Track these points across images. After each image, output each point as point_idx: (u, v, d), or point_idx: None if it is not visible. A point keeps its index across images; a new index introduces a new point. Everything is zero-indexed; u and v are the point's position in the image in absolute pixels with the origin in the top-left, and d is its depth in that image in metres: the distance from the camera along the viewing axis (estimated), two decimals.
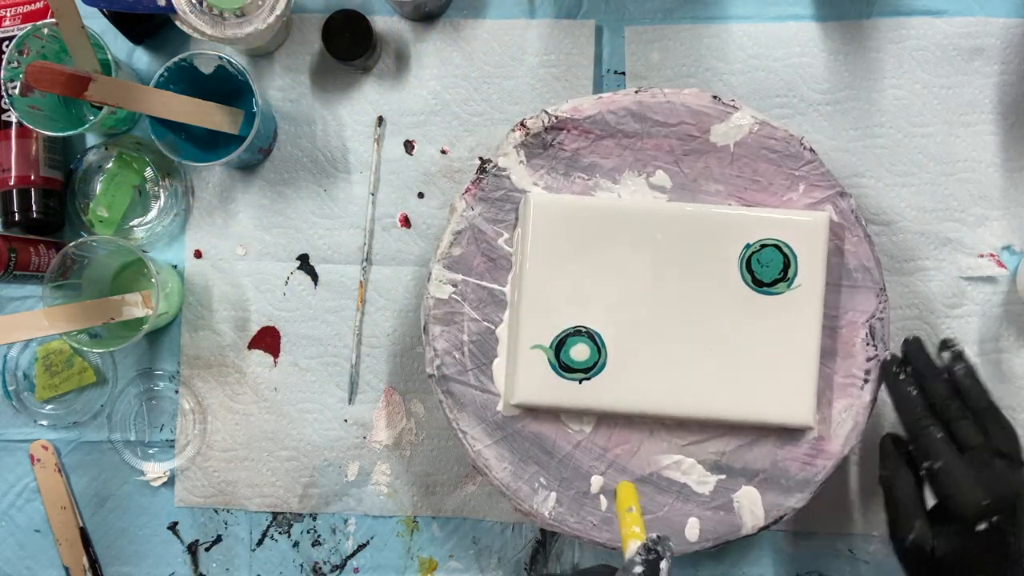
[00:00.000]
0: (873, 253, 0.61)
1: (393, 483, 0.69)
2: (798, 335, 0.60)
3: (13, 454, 0.71)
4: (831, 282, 0.61)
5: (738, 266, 0.60)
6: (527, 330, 0.60)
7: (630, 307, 0.60)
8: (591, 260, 0.60)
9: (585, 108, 0.62)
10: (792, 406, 0.59)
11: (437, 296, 0.62)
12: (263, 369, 0.70)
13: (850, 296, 0.61)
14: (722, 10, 0.70)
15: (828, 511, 0.67)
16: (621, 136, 0.62)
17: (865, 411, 0.61)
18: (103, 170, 0.70)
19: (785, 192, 0.61)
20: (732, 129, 0.61)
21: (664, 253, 0.60)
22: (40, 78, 0.56)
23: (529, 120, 0.62)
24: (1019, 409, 0.67)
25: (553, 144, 0.62)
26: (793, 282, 0.60)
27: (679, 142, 0.62)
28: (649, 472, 0.61)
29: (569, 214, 0.61)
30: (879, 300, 0.61)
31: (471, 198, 0.62)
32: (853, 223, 0.61)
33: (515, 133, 0.62)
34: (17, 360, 0.71)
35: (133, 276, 0.69)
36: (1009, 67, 0.68)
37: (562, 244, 0.60)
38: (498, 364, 0.62)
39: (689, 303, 0.60)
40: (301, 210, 0.71)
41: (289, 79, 0.71)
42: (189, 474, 0.70)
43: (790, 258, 0.60)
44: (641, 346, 0.60)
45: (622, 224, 0.60)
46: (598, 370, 0.60)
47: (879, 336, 0.61)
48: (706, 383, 0.60)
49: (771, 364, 0.60)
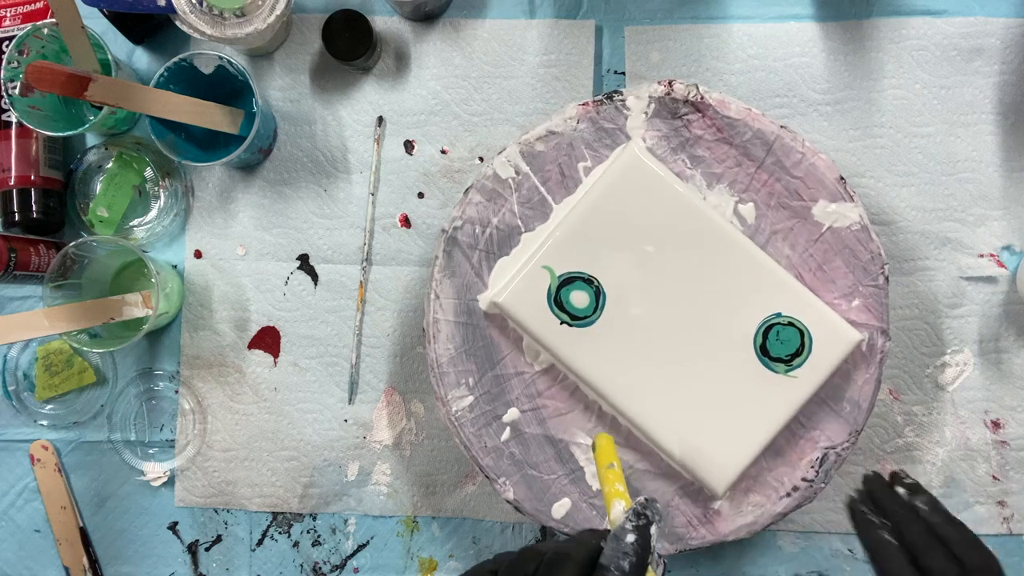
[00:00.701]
0: (872, 400, 0.61)
1: (393, 483, 0.69)
2: (765, 417, 0.60)
3: (13, 454, 0.71)
4: (821, 395, 0.61)
5: (757, 326, 0.60)
6: (550, 250, 0.61)
7: (645, 296, 0.60)
8: (641, 235, 0.60)
9: (731, 108, 0.61)
10: (716, 469, 0.59)
11: (498, 171, 0.62)
12: (263, 369, 0.70)
13: (828, 419, 0.61)
14: (722, 10, 0.70)
15: (828, 511, 0.67)
16: (743, 153, 0.61)
17: (769, 519, 0.61)
18: (103, 170, 0.70)
19: (840, 297, 0.61)
20: (836, 214, 0.61)
21: (704, 272, 0.60)
22: (40, 78, 0.56)
23: (677, 84, 0.61)
24: (1019, 409, 0.67)
25: (682, 118, 0.62)
26: (793, 371, 0.60)
27: (786, 193, 0.61)
28: (560, 438, 0.62)
29: (652, 184, 0.60)
30: (848, 439, 0.61)
31: (583, 112, 0.62)
32: (875, 364, 0.61)
33: (659, 86, 0.61)
34: (17, 360, 0.71)
35: (133, 276, 0.69)
36: (1009, 67, 0.68)
37: (628, 205, 0.60)
38: (505, 263, 0.62)
39: (695, 329, 0.60)
40: (301, 210, 0.71)
41: (289, 79, 0.71)
42: (189, 474, 0.70)
43: (805, 348, 0.60)
44: (631, 334, 0.60)
45: (687, 223, 0.60)
46: (583, 324, 0.60)
47: (827, 467, 0.61)
48: (662, 401, 0.60)
49: (727, 425, 0.60)
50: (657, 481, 0.61)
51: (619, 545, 0.39)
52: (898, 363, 0.68)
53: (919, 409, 0.68)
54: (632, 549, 0.39)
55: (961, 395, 0.68)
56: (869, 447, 0.67)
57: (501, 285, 0.61)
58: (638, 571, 0.39)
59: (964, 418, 0.67)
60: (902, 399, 0.68)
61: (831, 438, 0.61)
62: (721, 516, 0.61)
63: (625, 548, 0.39)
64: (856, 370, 0.61)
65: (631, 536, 0.39)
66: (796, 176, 0.61)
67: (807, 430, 0.61)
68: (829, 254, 0.61)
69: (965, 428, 0.67)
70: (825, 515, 0.68)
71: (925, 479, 0.67)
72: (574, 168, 0.62)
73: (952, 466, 0.67)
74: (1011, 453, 0.67)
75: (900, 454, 0.67)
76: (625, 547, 0.39)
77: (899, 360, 0.68)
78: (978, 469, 0.67)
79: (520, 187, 0.62)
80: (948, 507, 0.68)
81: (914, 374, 0.68)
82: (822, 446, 0.61)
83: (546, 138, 0.62)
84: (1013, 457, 0.67)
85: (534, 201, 0.62)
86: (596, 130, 0.62)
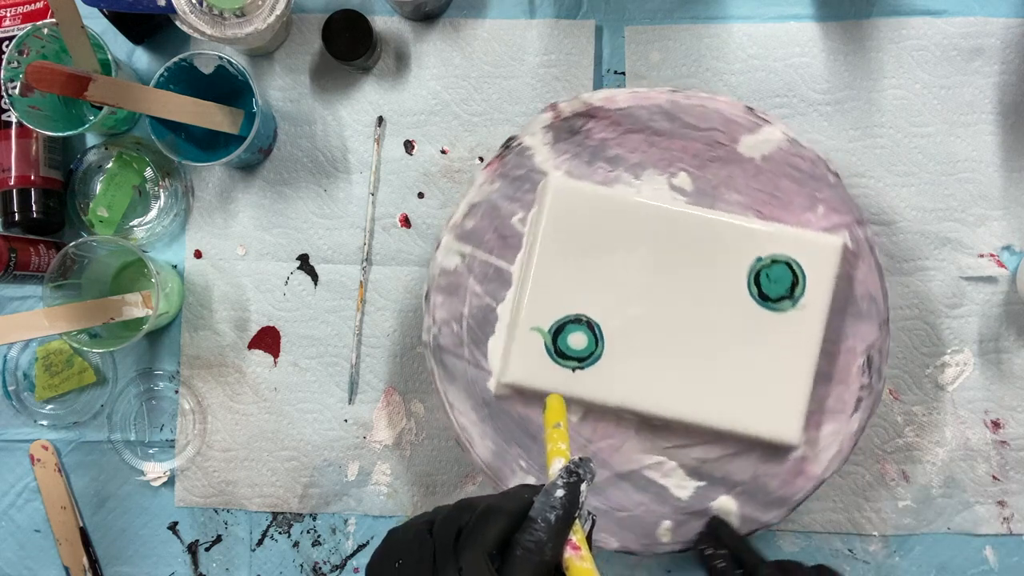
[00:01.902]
0: (882, 284, 0.61)
1: (393, 483, 0.69)
2: (796, 354, 0.59)
3: (13, 454, 0.71)
4: (836, 307, 0.60)
5: (747, 278, 0.60)
6: (528, 311, 0.60)
7: (633, 303, 0.60)
8: (601, 251, 0.60)
9: (619, 99, 0.61)
10: (780, 423, 0.59)
11: (444, 265, 0.62)
12: (263, 369, 0.70)
13: (853, 323, 0.61)
14: (722, 10, 0.70)
15: (828, 511, 0.67)
16: (650, 133, 0.61)
17: (852, 439, 0.61)
18: (103, 170, 0.70)
19: (803, 212, 0.61)
20: (761, 143, 0.61)
21: (675, 255, 0.60)
22: (40, 78, 0.56)
23: (562, 103, 0.61)
24: (1019, 409, 0.67)
25: (581, 131, 0.62)
26: (799, 302, 0.59)
27: (706, 147, 0.61)
28: (629, 470, 0.61)
29: (586, 202, 0.60)
30: (881, 332, 0.61)
31: (492, 172, 0.62)
32: (867, 252, 0.61)
33: (545, 114, 0.62)
34: (17, 360, 0.71)
35: (133, 276, 0.69)
36: (1009, 67, 0.68)
37: (575, 231, 0.60)
38: (494, 342, 0.62)
39: (693, 308, 0.60)
40: (301, 210, 0.71)
41: (289, 79, 0.71)
42: (189, 474, 0.70)
43: (799, 277, 0.59)
44: (639, 343, 0.60)
45: (636, 220, 0.60)
46: (593, 361, 0.60)
47: (875, 367, 0.61)
48: (699, 388, 0.60)
49: (766, 379, 0.59)
50: (735, 461, 0.61)
51: (548, 499, 0.41)
52: (898, 363, 0.68)
53: (919, 409, 0.68)
54: (560, 503, 0.40)
55: (961, 395, 0.68)
56: (869, 447, 0.67)
57: (501, 365, 0.61)
58: (564, 524, 0.40)
59: (964, 418, 0.67)
60: (902, 399, 0.68)
61: (865, 339, 0.61)
62: (808, 460, 0.61)
63: (553, 502, 0.40)
64: (855, 268, 0.61)
65: (560, 491, 0.41)
66: (707, 128, 0.61)
67: (840, 344, 0.61)
68: (774, 180, 0.61)
69: (965, 428, 0.67)
70: (825, 515, 0.68)
71: (925, 479, 0.67)
72: (509, 226, 0.62)
73: (952, 466, 0.67)
74: (1011, 453, 0.67)
75: (900, 454, 0.67)
76: (554, 501, 0.40)
77: (899, 360, 0.68)
78: (978, 469, 0.67)
79: (471, 268, 0.62)
80: (948, 507, 0.69)
81: (914, 374, 0.68)
82: (861, 350, 0.61)
83: (471, 213, 0.62)
84: (1013, 457, 0.67)
85: (490, 274, 0.62)
86: (511, 182, 0.62)
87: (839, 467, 0.61)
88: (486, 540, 0.39)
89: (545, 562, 0.39)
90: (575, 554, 0.40)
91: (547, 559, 0.39)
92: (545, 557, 0.39)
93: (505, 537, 0.40)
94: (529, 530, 0.40)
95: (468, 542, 0.39)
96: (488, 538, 0.39)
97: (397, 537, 0.43)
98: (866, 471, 0.67)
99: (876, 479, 0.67)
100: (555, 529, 0.40)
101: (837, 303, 0.60)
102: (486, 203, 0.62)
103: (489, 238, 0.62)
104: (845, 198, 0.61)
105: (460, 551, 0.39)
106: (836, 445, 0.60)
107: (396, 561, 0.41)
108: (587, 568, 0.39)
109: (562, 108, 0.61)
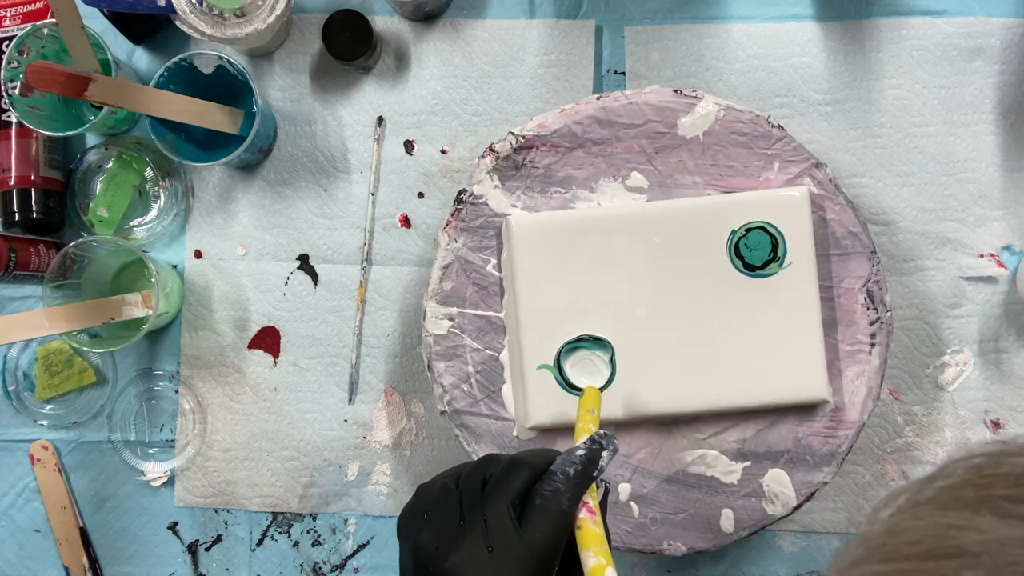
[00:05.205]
0: (858, 218, 0.61)
1: (393, 483, 0.69)
2: (799, 312, 0.60)
3: (13, 454, 0.71)
4: (821, 253, 0.61)
5: (727, 254, 0.60)
6: (529, 352, 0.60)
7: (628, 312, 0.60)
8: (581, 272, 0.60)
9: (550, 123, 0.62)
10: (805, 382, 0.59)
11: (436, 333, 0.62)
12: (263, 369, 0.70)
13: (842, 264, 0.61)
14: (722, 10, 0.70)
15: (828, 511, 0.67)
16: (590, 145, 0.62)
17: (877, 374, 0.61)
18: (103, 170, 0.70)
19: (761, 172, 0.61)
20: (698, 119, 0.61)
21: (652, 253, 0.60)
22: (40, 78, 0.56)
23: (497, 144, 0.62)
24: (1019, 409, 0.67)
25: (525, 164, 0.62)
26: (784, 261, 0.60)
27: (648, 141, 0.62)
28: (675, 471, 0.61)
29: (551, 230, 0.61)
30: (871, 263, 0.61)
31: (453, 230, 0.62)
32: (833, 191, 0.61)
33: (485, 159, 0.62)
34: (17, 360, 0.71)
35: (133, 276, 0.69)
36: (1009, 67, 0.68)
37: (550, 261, 0.60)
38: (507, 390, 0.62)
39: (685, 299, 0.60)
40: (301, 210, 0.71)
41: (289, 79, 0.71)
42: (189, 474, 0.70)
43: (777, 237, 0.60)
44: (645, 349, 0.60)
45: (605, 231, 0.60)
46: (610, 381, 0.60)
47: (878, 299, 0.61)
48: (716, 375, 0.60)
49: (778, 345, 0.60)
50: (773, 433, 0.61)
51: (569, 456, 0.43)
52: (898, 363, 0.68)
53: (919, 409, 0.68)
54: (580, 460, 0.42)
55: (961, 395, 0.68)
56: (869, 447, 0.67)
57: (520, 411, 0.61)
58: (581, 479, 0.42)
59: (964, 418, 0.67)
60: (902, 399, 0.68)
61: (860, 275, 0.61)
62: (842, 410, 0.61)
63: (574, 459, 0.43)
64: (825, 211, 0.61)
65: (581, 451, 0.43)
66: (641, 123, 0.61)
67: (837, 288, 0.61)
68: (723, 151, 0.61)
69: (965, 428, 0.67)
70: (825, 515, 0.68)
71: None
72: (486, 276, 0.62)
73: None
74: None
75: (900, 454, 0.67)
76: (574, 458, 0.43)
77: (899, 360, 0.68)
78: None
79: (463, 327, 0.62)
80: None
81: (914, 374, 0.68)
82: (859, 287, 0.61)
83: (445, 275, 0.62)
84: None
85: (483, 327, 0.62)
86: (473, 233, 0.62)
87: (874, 407, 0.61)
88: (511, 491, 0.41)
89: (561, 511, 0.41)
90: (589, 516, 0.41)
91: (563, 508, 0.41)
92: (562, 506, 0.41)
93: (527, 489, 0.42)
94: (548, 481, 0.42)
95: (493, 492, 0.42)
96: (512, 489, 0.41)
97: (425, 491, 0.45)
98: (866, 471, 0.67)
99: (876, 479, 0.67)
100: (573, 482, 0.42)
101: (820, 249, 0.61)
102: (457, 261, 0.62)
103: (470, 293, 0.62)
104: (796, 146, 0.61)
105: (486, 501, 0.41)
106: (864, 386, 0.61)
107: (425, 512, 0.43)
108: (597, 533, 0.41)
109: (499, 148, 0.62)
